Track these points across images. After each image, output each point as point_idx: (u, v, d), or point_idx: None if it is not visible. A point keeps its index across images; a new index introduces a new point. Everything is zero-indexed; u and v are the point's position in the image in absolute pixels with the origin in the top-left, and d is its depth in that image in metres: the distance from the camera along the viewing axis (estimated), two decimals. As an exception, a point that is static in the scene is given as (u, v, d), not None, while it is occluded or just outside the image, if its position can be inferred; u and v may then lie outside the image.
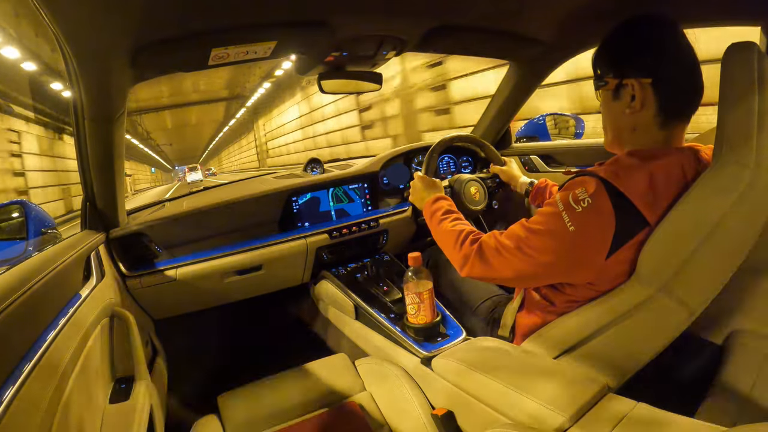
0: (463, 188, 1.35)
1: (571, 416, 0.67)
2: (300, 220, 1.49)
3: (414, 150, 1.69)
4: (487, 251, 0.84)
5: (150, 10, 0.73)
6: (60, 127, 13.10)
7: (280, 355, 1.49)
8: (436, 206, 1.06)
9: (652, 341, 0.78)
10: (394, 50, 1.11)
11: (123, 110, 0.99)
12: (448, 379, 0.92)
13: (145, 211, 1.49)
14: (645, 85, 0.75)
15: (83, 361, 0.73)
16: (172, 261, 1.32)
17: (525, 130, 1.98)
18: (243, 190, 1.50)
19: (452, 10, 1.01)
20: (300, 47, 1.03)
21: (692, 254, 0.70)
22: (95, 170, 1.07)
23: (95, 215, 1.16)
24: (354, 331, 1.37)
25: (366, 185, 1.59)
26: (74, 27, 0.69)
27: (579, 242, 0.73)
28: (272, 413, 1.01)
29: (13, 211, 1.05)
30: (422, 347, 1.08)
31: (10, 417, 0.49)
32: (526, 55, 1.37)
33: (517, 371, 0.81)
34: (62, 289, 0.82)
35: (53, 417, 0.58)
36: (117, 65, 0.84)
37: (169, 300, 1.36)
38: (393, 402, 1.01)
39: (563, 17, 1.12)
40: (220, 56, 0.91)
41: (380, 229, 1.55)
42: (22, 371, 0.56)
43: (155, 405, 0.97)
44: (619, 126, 0.82)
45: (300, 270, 1.50)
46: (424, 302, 1.08)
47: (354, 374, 1.12)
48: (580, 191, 0.73)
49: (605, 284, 0.79)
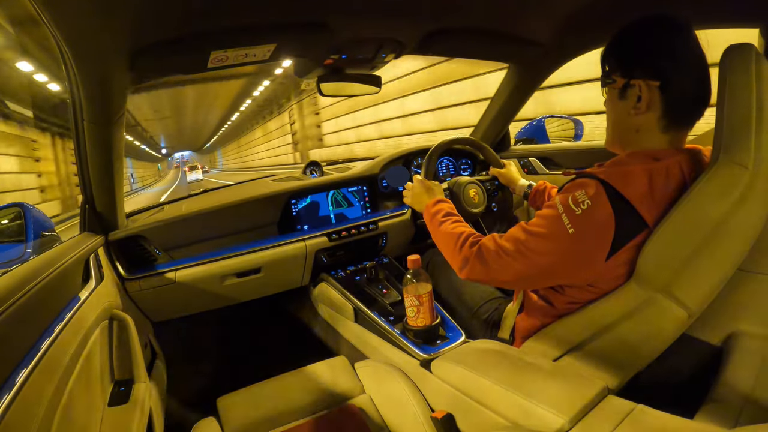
0: (462, 191, 1.36)
1: (571, 418, 0.67)
2: (299, 222, 1.49)
3: (413, 152, 1.69)
4: (486, 254, 0.84)
5: (149, 13, 0.73)
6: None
7: (279, 357, 1.49)
8: (436, 209, 1.06)
9: (651, 343, 0.78)
10: (393, 53, 1.11)
11: (122, 112, 0.99)
12: (448, 382, 0.92)
13: (144, 213, 1.49)
14: (652, 88, 0.75)
15: (82, 363, 0.73)
16: (171, 264, 1.31)
17: (524, 132, 1.99)
18: (242, 192, 1.50)
19: (451, 12, 1.02)
20: (299, 50, 1.03)
21: (691, 255, 0.70)
22: (94, 173, 1.07)
23: (94, 218, 1.16)
24: (353, 333, 1.37)
25: (365, 188, 1.60)
26: (73, 29, 0.69)
27: (578, 244, 0.74)
28: (271, 416, 1.01)
29: (11, 213, 1.05)
30: (422, 350, 1.07)
31: (9, 419, 0.49)
32: (525, 57, 1.38)
33: (516, 373, 0.81)
34: (61, 291, 0.82)
35: (52, 419, 0.58)
36: (116, 68, 0.84)
37: (168, 303, 1.36)
38: (392, 405, 1.00)
39: (562, 19, 1.12)
40: (219, 59, 0.91)
41: (379, 232, 1.55)
42: (21, 373, 0.55)
43: (154, 407, 0.97)
44: (622, 126, 0.82)
45: (299, 273, 1.50)
46: (424, 305, 1.08)
47: (353, 377, 1.12)
48: (579, 193, 0.73)
49: (605, 286, 0.79)
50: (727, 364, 0.78)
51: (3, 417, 0.48)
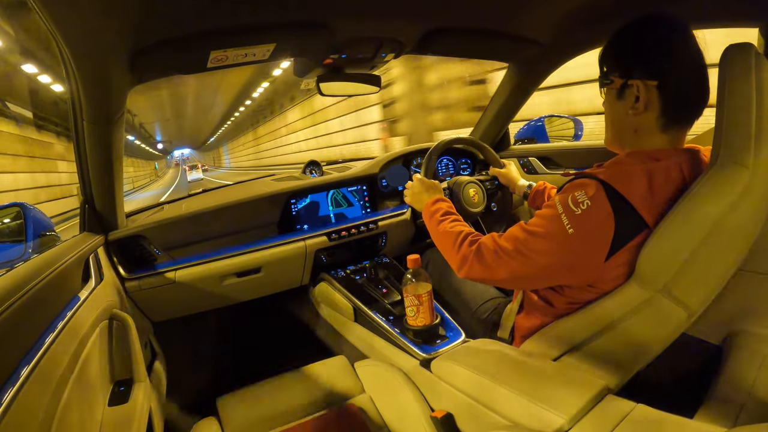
0: (461, 190, 1.36)
1: (570, 418, 0.67)
2: (299, 222, 1.49)
3: (413, 152, 1.69)
4: (485, 253, 0.84)
5: (149, 12, 0.73)
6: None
7: (279, 357, 1.49)
8: (435, 208, 1.06)
9: (651, 342, 0.78)
10: (392, 52, 1.11)
11: (122, 112, 0.99)
12: (448, 381, 0.92)
13: (143, 213, 1.49)
14: (650, 88, 0.75)
15: (82, 363, 0.73)
16: (171, 263, 1.31)
17: (523, 132, 1.98)
18: (242, 192, 1.50)
19: (450, 12, 1.01)
20: (299, 49, 1.03)
21: (691, 255, 0.70)
22: (94, 172, 1.07)
23: (94, 217, 1.16)
24: (353, 333, 1.37)
25: (365, 187, 1.60)
26: (73, 29, 0.69)
27: (578, 244, 0.74)
28: (271, 415, 1.01)
29: (11, 213, 1.05)
30: (421, 349, 1.07)
31: (9, 419, 0.49)
32: (524, 56, 1.38)
33: (516, 373, 0.81)
34: (61, 291, 0.82)
35: (52, 420, 0.58)
36: (116, 67, 0.84)
37: (168, 302, 1.36)
38: (392, 404, 1.01)
39: (561, 19, 1.12)
40: (218, 58, 0.91)
41: (379, 232, 1.55)
42: (20, 374, 0.55)
43: (154, 408, 0.97)
44: (621, 126, 0.82)
45: (299, 272, 1.50)
46: (423, 304, 1.08)
47: (353, 376, 1.12)
48: (579, 194, 0.73)
49: (604, 286, 0.79)
50: (726, 363, 0.78)
51: (3, 416, 0.48)
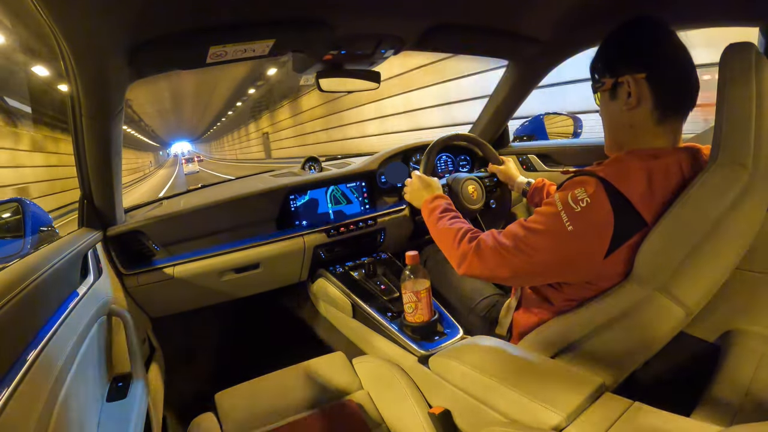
0: (460, 187, 1.36)
1: (568, 415, 0.67)
2: (298, 218, 1.48)
3: (412, 148, 1.69)
4: (485, 249, 0.84)
5: (148, 8, 0.72)
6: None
7: (277, 353, 1.49)
8: (434, 204, 1.06)
9: (649, 340, 0.78)
10: (392, 49, 1.11)
11: (120, 107, 0.99)
12: (446, 378, 0.92)
13: (142, 208, 1.49)
14: (640, 81, 0.76)
15: (80, 359, 0.73)
16: (170, 259, 1.31)
17: (523, 129, 1.98)
18: (241, 188, 1.49)
19: (450, 8, 1.01)
20: (298, 45, 1.03)
21: (690, 254, 0.70)
22: (93, 168, 1.06)
23: (93, 213, 1.16)
24: (351, 329, 1.37)
25: (363, 183, 1.59)
26: (72, 24, 0.69)
27: (577, 242, 0.74)
28: (269, 411, 1.01)
29: (10, 208, 1.04)
30: (420, 346, 1.08)
31: (7, 415, 0.49)
32: (524, 54, 1.37)
33: (514, 370, 0.82)
34: (59, 287, 0.81)
35: (50, 415, 0.58)
36: (115, 63, 0.83)
37: (167, 298, 1.36)
38: (390, 400, 1.01)
39: (561, 16, 1.12)
40: (218, 54, 0.90)
41: (378, 228, 1.55)
42: (19, 369, 0.56)
43: (152, 403, 0.97)
44: (618, 126, 0.82)
45: (298, 268, 1.50)
46: (422, 301, 1.08)
47: (351, 373, 1.12)
48: (579, 191, 0.73)
49: (603, 283, 0.80)
50: (724, 361, 0.78)
51: (2, 411, 0.48)
